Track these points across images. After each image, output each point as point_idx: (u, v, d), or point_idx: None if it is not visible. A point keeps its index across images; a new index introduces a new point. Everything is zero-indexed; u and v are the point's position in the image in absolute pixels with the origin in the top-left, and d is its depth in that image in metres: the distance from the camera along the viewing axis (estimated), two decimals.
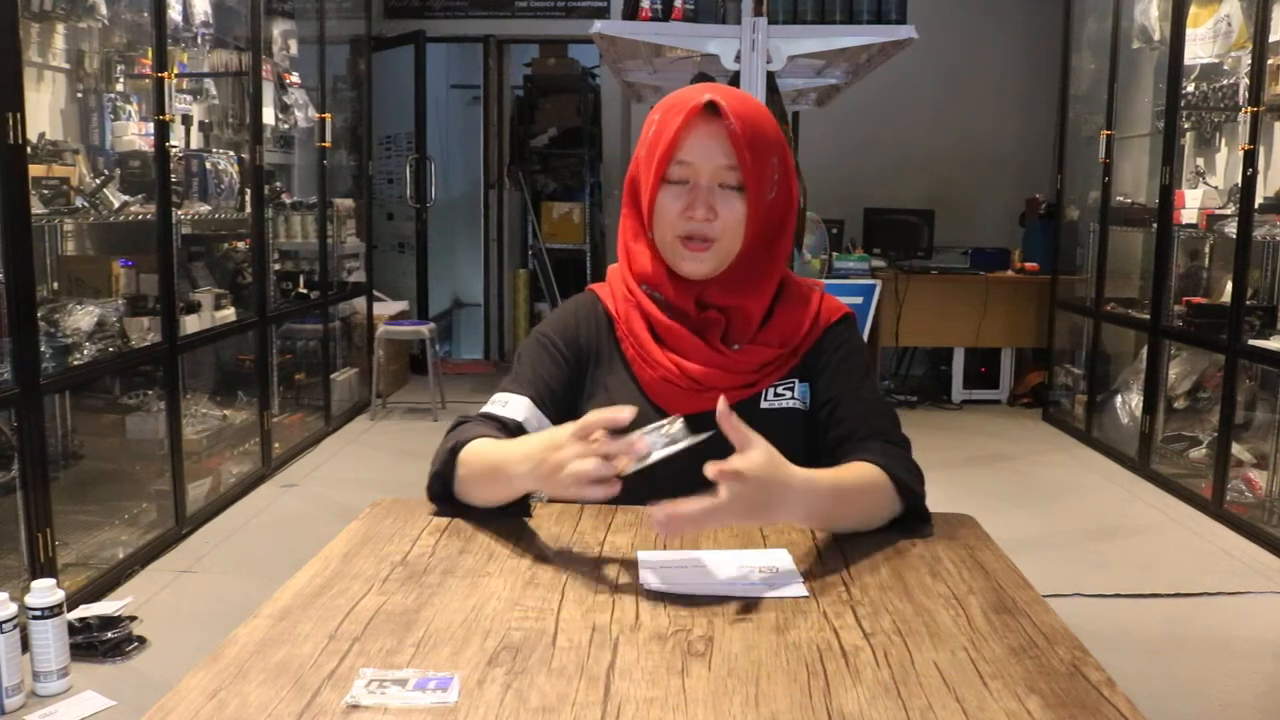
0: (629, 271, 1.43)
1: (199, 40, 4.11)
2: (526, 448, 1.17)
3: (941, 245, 6.47)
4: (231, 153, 4.28)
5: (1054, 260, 5.92)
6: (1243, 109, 4.01)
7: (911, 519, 1.29)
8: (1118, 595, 3.31)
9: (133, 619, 2.87)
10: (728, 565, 1.15)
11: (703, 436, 1.05)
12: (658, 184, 1.35)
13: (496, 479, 1.23)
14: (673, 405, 1.33)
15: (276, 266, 4.87)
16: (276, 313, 4.67)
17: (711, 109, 1.32)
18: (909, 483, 1.27)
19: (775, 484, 1.08)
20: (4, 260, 2.65)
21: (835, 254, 5.66)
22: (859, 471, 1.25)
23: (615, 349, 1.43)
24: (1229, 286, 4.06)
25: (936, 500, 1.32)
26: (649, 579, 1.11)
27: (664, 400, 1.37)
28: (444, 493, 1.31)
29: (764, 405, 1.38)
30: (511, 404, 1.38)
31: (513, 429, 1.35)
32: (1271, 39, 3.85)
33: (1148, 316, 4.76)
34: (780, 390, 1.40)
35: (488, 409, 1.39)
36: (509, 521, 1.32)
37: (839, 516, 1.22)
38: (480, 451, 1.26)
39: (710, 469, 1.03)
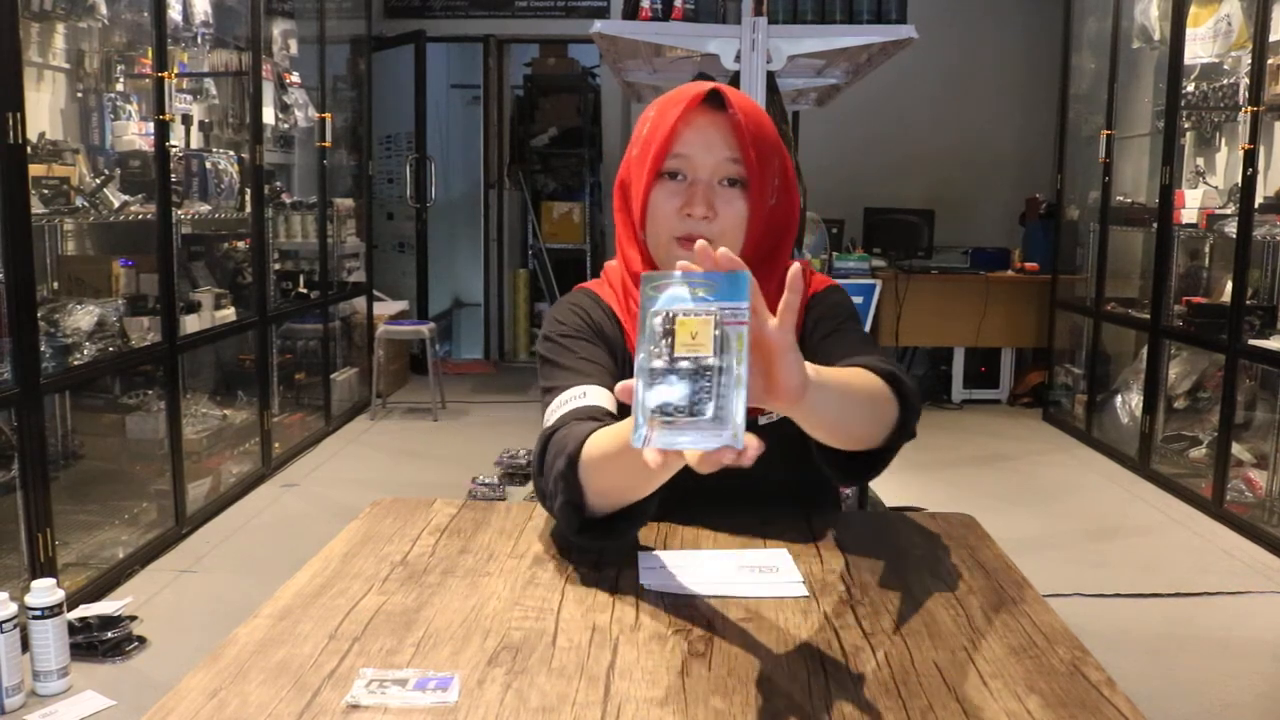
0: (626, 273, 1.36)
1: (199, 40, 4.11)
2: None
3: (941, 245, 6.47)
4: (231, 152, 4.28)
5: (1054, 260, 5.92)
6: (1243, 109, 4.01)
7: (904, 419, 1.16)
8: (1118, 595, 3.31)
9: (133, 619, 2.87)
10: (728, 565, 1.15)
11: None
12: (652, 179, 1.26)
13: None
14: None
15: (276, 266, 4.87)
16: (276, 312, 4.67)
17: (714, 101, 1.24)
18: (900, 376, 1.16)
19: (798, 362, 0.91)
20: (4, 260, 2.65)
21: (835, 254, 5.66)
22: (859, 376, 1.12)
23: (623, 346, 1.35)
24: (1229, 286, 4.05)
25: (936, 500, 1.33)
26: (649, 579, 1.11)
27: None
28: (584, 520, 1.12)
29: (761, 422, 1.28)
30: (591, 394, 1.23)
31: (606, 419, 1.18)
32: (1271, 39, 3.85)
33: (1148, 316, 4.75)
34: None
35: (572, 406, 1.21)
36: (509, 521, 1.32)
37: (843, 419, 1.07)
38: (603, 445, 1.07)
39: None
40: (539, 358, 1.36)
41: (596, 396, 1.23)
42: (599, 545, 1.16)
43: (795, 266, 0.88)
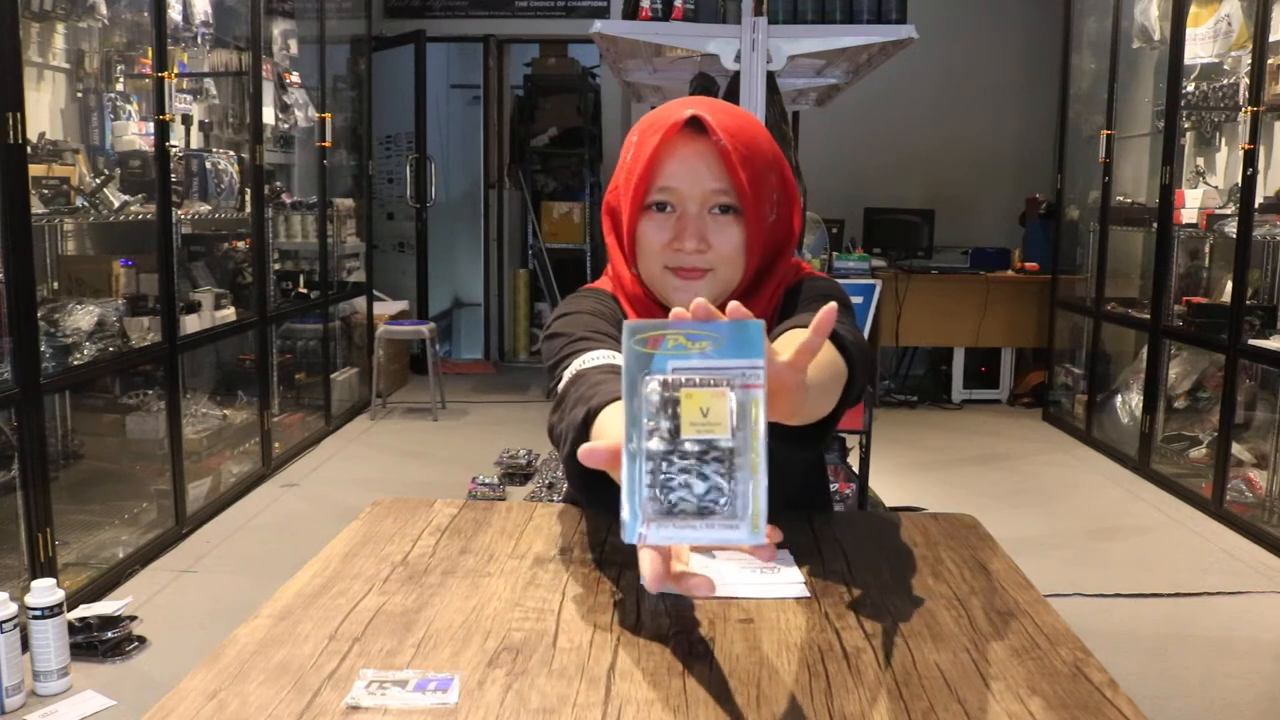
0: (620, 292, 1.30)
1: (199, 40, 4.11)
2: None
3: (941, 245, 6.47)
4: (231, 153, 4.28)
5: (1054, 260, 5.92)
6: (1243, 109, 4.01)
7: (851, 380, 1.08)
8: (1118, 595, 3.31)
9: (133, 619, 2.87)
10: (728, 566, 1.15)
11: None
12: (638, 212, 1.19)
13: None
14: None
15: (276, 266, 4.87)
16: (276, 312, 4.67)
17: (695, 125, 1.15)
18: (845, 336, 1.09)
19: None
20: (4, 260, 2.65)
21: (835, 254, 5.66)
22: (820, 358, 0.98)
23: None
24: (1229, 286, 4.06)
25: (937, 500, 1.32)
26: None
27: None
28: (588, 476, 0.98)
29: None
30: (618, 358, 1.11)
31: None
32: (1271, 39, 3.85)
33: (1148, 316, 4.76)
34: None
35: (606, 361, 1.11)
36: (509, 521, 1.32)
37: (814, 409, 0.98)
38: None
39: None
40: (549, 337, 1.24)
41: (611, 357, 1.13)
42: (597, 506, 1.06)
43: (830, 307, 0.77)
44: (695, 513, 0.68)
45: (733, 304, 0.72)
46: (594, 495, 1.05)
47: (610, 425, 0.96)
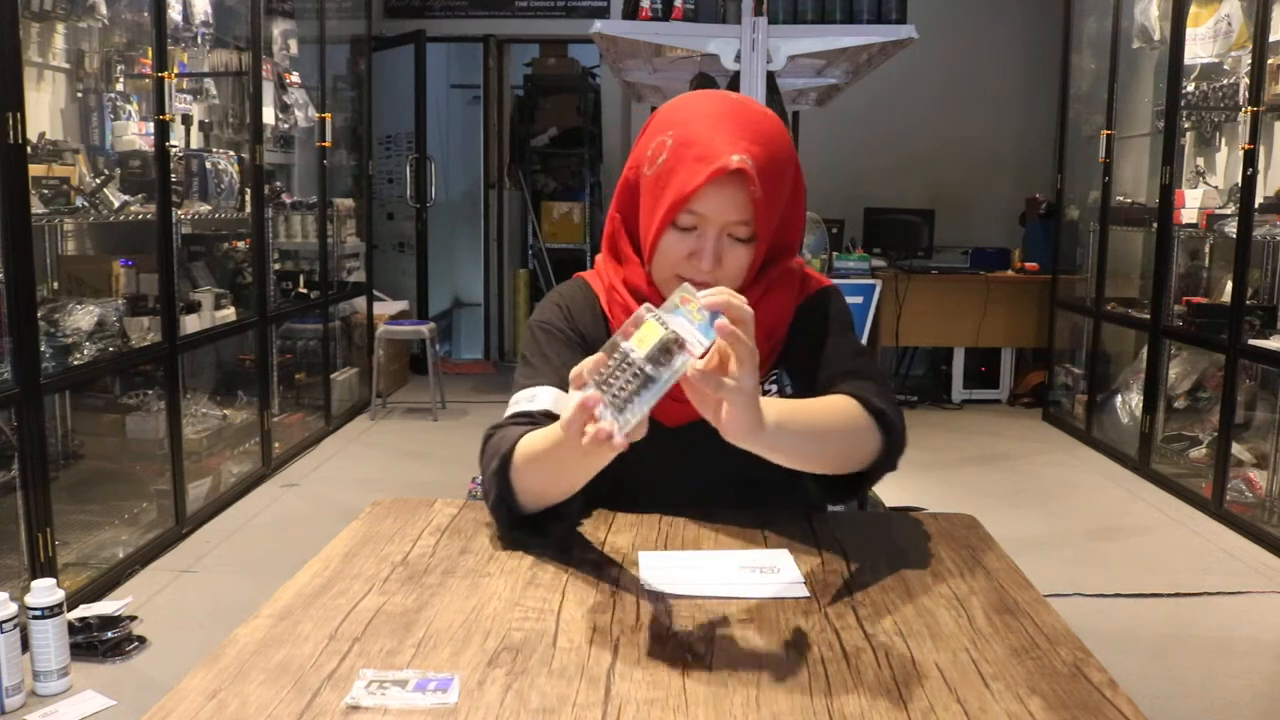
0: (615, 275, 1.39)
1: (199, 40, 4.11)
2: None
3: (941, 245, 6.47)
4: (231, 152, 4.28)
5: (1054, 260, 5.92)
6: (1243, 109, 4.01)
7: (888, 450, 1.25)
8: (1118, 595, 3.31)
9: (133, 619, 2.87)
10: (728, 566, 1.15)
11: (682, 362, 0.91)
12: (664, 227, 1.28)
13: (561, 463, 1.13)
14: (662, 412, 1.08)
15: (276, 266, 4.87)
16: (276, 312, 4.66)
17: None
18: (885, 410, 1.23)
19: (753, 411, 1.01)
20: (4, 260, 2.65)
21: (835, 254, 5.66)
22: (838, 410, 1.21)
23: (605, 339, 1.29)
24: (1229, 286, 4.05)
25: (937, 500, 1.32)
26: (649, 579, 1.11)
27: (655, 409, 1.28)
28: (515, 517, 1.22)
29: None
30: (539, 397, 1.30)
31: (544, 422, 1.25)
32: (1271, 39, 3.85)
33: (1148, 316, 4.75)
34: (765, 386, 1.35)
35: (515, 409, 1.30)
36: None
37: (813, 454, 1.17)
38: (528, 449, 1.17)
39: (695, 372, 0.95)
40: (521, 357, 1.42)
41: (543, 399, 1.30)
42: (530, 540, 1.23)
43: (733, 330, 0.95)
44: (608, 397, 0.92)
45: (748, 313, 0.98)
46: (523, 534, 1.23)
47: (529, 446, 1.18)
